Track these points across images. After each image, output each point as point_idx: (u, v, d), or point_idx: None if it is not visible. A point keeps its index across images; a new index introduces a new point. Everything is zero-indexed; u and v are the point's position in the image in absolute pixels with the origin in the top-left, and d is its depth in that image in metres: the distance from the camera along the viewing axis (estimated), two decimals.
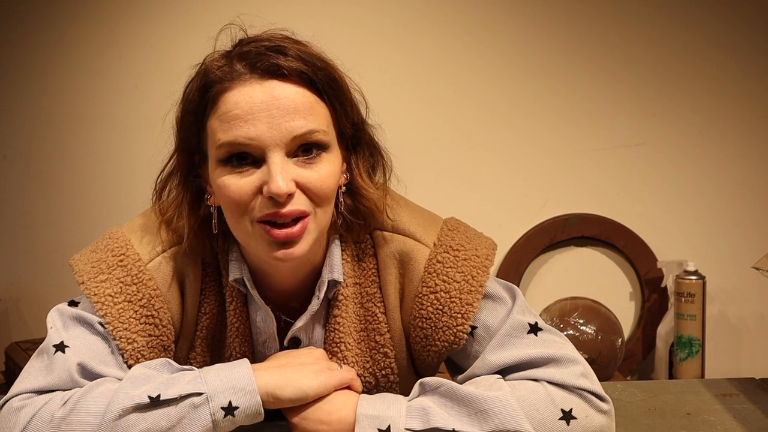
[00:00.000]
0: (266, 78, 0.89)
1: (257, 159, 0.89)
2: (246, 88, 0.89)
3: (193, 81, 0.94)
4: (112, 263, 0.98)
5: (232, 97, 0.89)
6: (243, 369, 0.90)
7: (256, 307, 1.02)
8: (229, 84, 0.90)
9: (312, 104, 0.91)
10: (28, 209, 2.47)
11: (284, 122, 0.88)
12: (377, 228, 1.03)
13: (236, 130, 0.88)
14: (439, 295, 0.99)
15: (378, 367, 1.04)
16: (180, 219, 0.97)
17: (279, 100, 0.88)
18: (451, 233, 1.02)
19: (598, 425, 0.92)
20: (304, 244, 0.91)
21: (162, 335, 0.99)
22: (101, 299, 0.96)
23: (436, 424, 0.87)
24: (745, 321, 2.40)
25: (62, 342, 0.93)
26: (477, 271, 0.99)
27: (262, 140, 0.88)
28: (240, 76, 0.90)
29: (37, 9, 2.38)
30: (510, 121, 2.35)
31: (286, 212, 0.89)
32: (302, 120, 0.89)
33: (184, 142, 0.96)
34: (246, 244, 0.94)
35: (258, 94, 0.88)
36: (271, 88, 0.89)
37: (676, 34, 2.31)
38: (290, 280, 1.01)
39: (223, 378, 0.88)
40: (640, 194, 2.37)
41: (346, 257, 1.02)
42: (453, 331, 0.99)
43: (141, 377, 0.89)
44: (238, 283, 1.00)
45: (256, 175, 0.89)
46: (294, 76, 0.90)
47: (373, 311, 1.03)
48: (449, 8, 2.32)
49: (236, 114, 0.88)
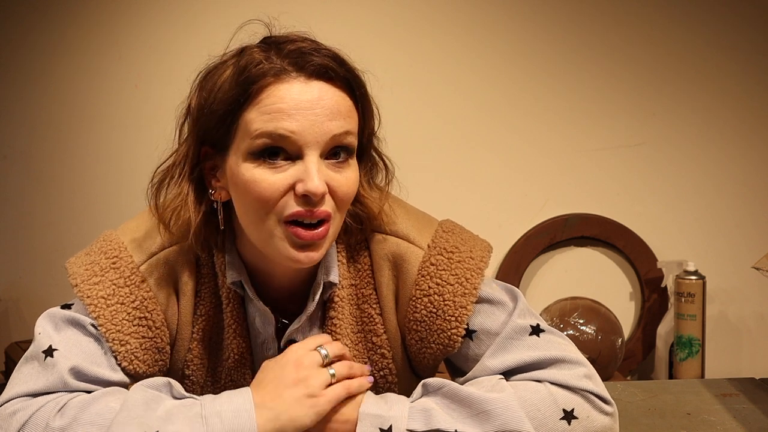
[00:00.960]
0: (313, 78, 0.89)
1: (290, 156, 0.89)
2: (293, 85, 0.88)
3: (224, 73, 0.92)
4: (105, 266, 0.98)
5: (278, 92, 0.88)
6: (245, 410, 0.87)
7: (254, 309, 1.01)
8: (273, 79, 0.89)
9: (350, 109, 0.92)
10: (28, 209, 2.46)
11: (326, 122, 0.88)
12: (372, 229, 1.03)
13: (278, 122, 0.87)
14: (433, 298, 0.99)
15: (376, 368, 1.04)
16: (185, 213, 0.95)
17: (324, 100, 0.89)
18: (446, 235, 1.02)
19: (600, 426, 0.92)
20: (323, 250, 0.92)
21: (156, 337, 0.98)
22: (94, 301, 0.96)
23: (438, 426, 0.87)
24: (745, 321, 2.40)
25: (50, 346, 0.92)
26: (471, 273, 0.99)
27: (302, 136, 0.87)
28: (286, 73, 0.89)
29: (37, 9, 2.38)
30: (510, 121, 2.35)
31: (318, 212, 0.88)
32: (342, 121, 0.90)
33: (203, 132, 0.93)
34: (264, 244, 0.92)
35: (305, 93, 0.88)
36: (317, 89, 0.89)
37: (676, 34, 2.31)
38: (288, 283, 1.01)
39: (224, 422, 0.85)
40: (640, 194, 2.37)
41: (342, 259, 1.01)
42: (447, 335, 0.98)
43: (141, 403, 0.86)
44: (236, 285, 1.00)
45: (290, 172, 0.88)
46: (339, 80, 0.90)
47: (369, 312, 1.03)
48: (449, 8, 2.32)
49: (280, 107, 0.88)
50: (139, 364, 0.97)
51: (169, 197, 0.97)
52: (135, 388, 0.90)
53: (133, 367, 0.97)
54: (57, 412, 0.86)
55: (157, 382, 0.91)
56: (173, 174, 0.96)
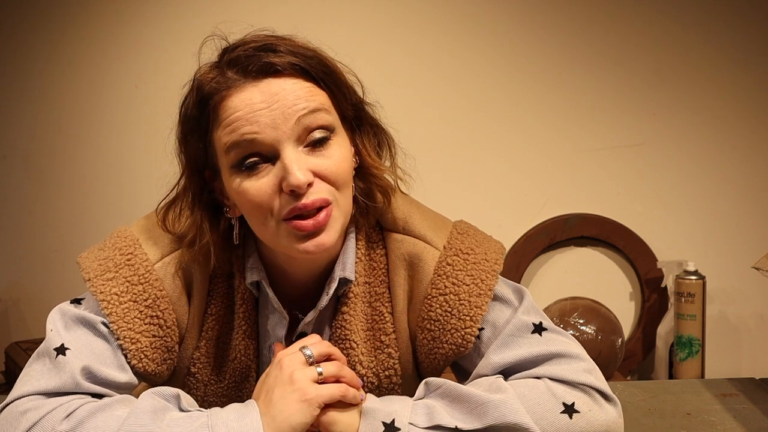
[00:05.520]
0: (260, 78, 0.89)
1: (269, 158, 0.89)
2: (243, 92, 0.89)
3: (188, 99, 0.94)
4: (119, 262, 0.98)
5: (231, 103, 0.89)
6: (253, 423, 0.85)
7: (267, 311, 1.01)
8: (225, 92, 0.90)
9: (310, 90, 0.91)
10: (28, 209, 2.46)
11: (287, 111, 0.88)
12: (389, 229, 1.03)
13: (239, 130, 0.88)
14: (449, 297, 0.99)
15: (382, 367, 1.04)
16: (203, 238, 0.96)
17: (278, 95, 0.89)
18: (461, 236, 1.02)
19: (604, 420, 0.91)
20: (332, 232, 0.91)
21: (166, 336, 0.99)
22: (107, 297, 0.96)
23: (439, 422, 0.87)
24: (745, 321, 2.40)
25: (63, 345, 0.92)
26: (486, 274, 1.00)
27: (268, 134, 0.88)
28: (234, 82, 0.90)
29: (37, 9, 2.38)
30: (510, 121, 2.35)
31: (309, 202, 0.88)
32: (305, 102, 0.89)
33: (192, 160, 0.95)
34: (274, 244, 0.93)
35: (256, 96, 0.89)
36: (267, 87, 0.89)
37: (676, 34, 2.31)
38: (307, 277, 1.01)
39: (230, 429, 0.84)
40: (640, 194, 2.37)
41: (360, 256, 1.02)
42: (461, 334, 0.99)
43: (148, 411, 0.85)
44: (253, 286, 1.00)
45: (273, 173, 0.89)
46: (287, 70, 0.90)
47: (380, 311, 1.03)
48: (449, 8, 2.32)
49: (237, 116, 0.88)
50: (148, 363, 0.97)
51: (184, 227, 0.98)
52: (144, 396, 0.88)
53: (143, 366, 0.97)
54: (65, 419, 0.86)
55: (166, 392, 0.90)
56: (182, 203, 0.98)
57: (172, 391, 0.90)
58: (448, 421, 0.87)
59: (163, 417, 0.86)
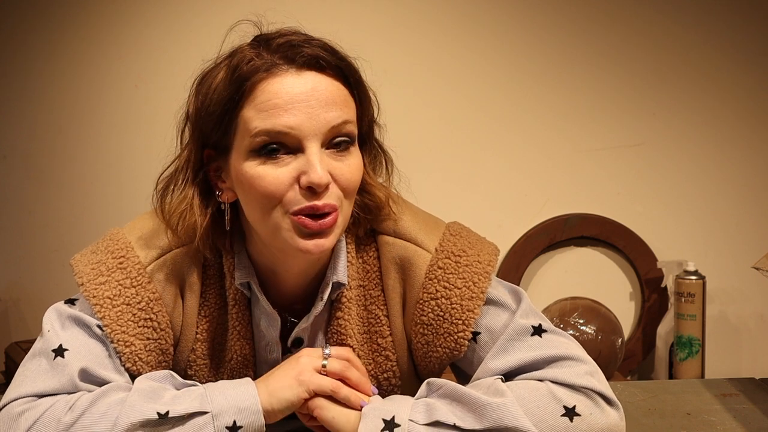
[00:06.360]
0: (304, 70, 0.90)
1: (291, 150, 0.89)
2: (286, 78, 0.89)
3: (217, 75, 0.92)
4: (111, 265, 0.98)
5: (271, 87, 0.88)
6: (248, 389, 0.90)
7: (260, 311, 1.01)
8: (266, 75, 0.89)
9: (345, 97, 0.92)
10: (28, 209, 2.46)
11: (323, 113, 0.88)
12: (381, 231, 1.03)
13: (276, 119, 0.87)
14: (440, 302, 0.98)
15: (380, 369, 1.04)
16: (191, 216, 0.95)
17: (318, 91, 0.89)
18: (454, 238, 1.02)
19: (605, 424, 0.90)
20: (333, 237, 0.91)
21: (160, 339, 0.99)
22: (100, 302, 0.95)
23: (438, 418, 0.88)
24: (745, 321, 2.40)
25: (61, 345, 0.92)
26: (478, 277, 0.99)
27: (301, 130, 0.87)
28: (278, 68, 0.89)
29: (37, 9, 2.38)
30: (510, 121, 2.35)
31: (322, 204, 0.88)
32: (339, 111, 0.90)
33: (203, 135, 0.94)
34: (272, 237, 0.92)
35: (298, 85, 0.88)
36: (310, 80, 0.89)
37: (676, 34, 2.31)
38: (298, 282, 1.01)
39: (228, 397, 0.89)
40: (640, 194, 2.37)
41: (351, 259, 1.01)
42: (454, 338, 0.98)
43: (147, 390, 0.89)
44: (244, 286, 1.00)
45: (293, 165, 0.89)
46: (331, 69, 0.91)
47: (375, 314, 1.03)
48: (449, 8, 2.32)
49: (276, 103, 0.88)
50: (143, 366, 0.97)
51: (174, 202, 0.97)
52: (139, 380, 0.92)
53: (137, 368, 0.97)
54: (68, 410, 0.87)
55: (158, 375, 0.93)
56: (177, 180, 0.96)
57: (163, 373, 0.94)
58: (448, 418, 0.87)
59: (162, 395, 0.89)
